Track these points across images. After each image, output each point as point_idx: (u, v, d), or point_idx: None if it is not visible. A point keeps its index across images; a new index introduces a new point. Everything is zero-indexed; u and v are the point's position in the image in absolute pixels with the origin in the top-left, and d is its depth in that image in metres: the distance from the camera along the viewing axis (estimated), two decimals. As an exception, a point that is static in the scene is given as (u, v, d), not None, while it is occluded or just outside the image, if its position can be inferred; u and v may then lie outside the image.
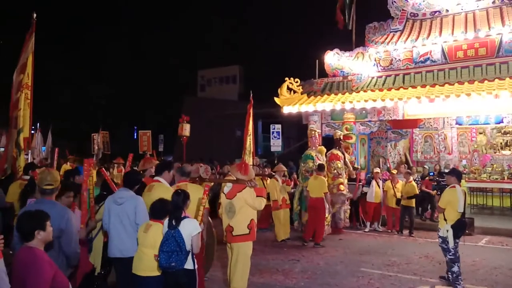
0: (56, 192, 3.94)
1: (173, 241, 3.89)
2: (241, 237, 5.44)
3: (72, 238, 3.78)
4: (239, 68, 36.21)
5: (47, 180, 3.86)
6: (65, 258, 3.76)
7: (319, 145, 10.59)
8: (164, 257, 3.88)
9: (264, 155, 23.18)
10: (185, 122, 15.08)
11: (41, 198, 3.91)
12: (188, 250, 4.00)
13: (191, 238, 4.01)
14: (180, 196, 4.17)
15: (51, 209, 3.64)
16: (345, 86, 12.91)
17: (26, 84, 7.64)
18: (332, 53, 13.43)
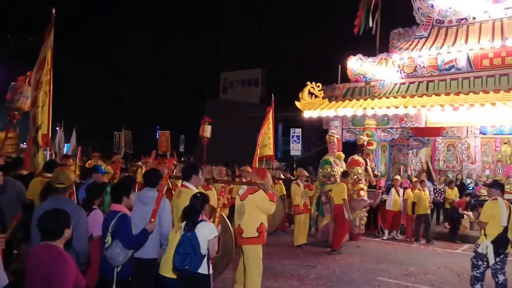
0: (69, 190, 4.03)
1: (188, 244, 3.88)
2: (250, 240, 5.45)
3: (83, 235, 3.83)
4: (261, 71, 36.25)
5: (59, 179, 3.98)
6: (75, 254, 3.77)
7: (338, 150, 10.53)
8: (179, 259, 3.87)
9: (284, 158, 23.13)
10: (206, 123, 15.18)
11: (55, 196, 4.00)
12: (204, 254, 3.95)
13: (207, 242, 3.98)
14: (198, 199, 4.17)
15: (63, 207, 3.69)
16: (367, 91, 12.79)
17: (46, 80, 7.71)
18: (355, 58, 13.33)
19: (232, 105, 32.98)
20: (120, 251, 3.86)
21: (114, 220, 3.92)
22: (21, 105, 8.00)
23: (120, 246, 3.87)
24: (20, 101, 7.94)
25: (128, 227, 3.94)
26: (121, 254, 3.86)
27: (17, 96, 7.98)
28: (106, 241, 3.93)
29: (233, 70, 37.03)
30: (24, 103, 8.06)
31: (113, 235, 3.89)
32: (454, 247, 10.02)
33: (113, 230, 3.90)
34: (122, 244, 3.87)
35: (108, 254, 3.89)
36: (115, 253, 3.85)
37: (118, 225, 3.90)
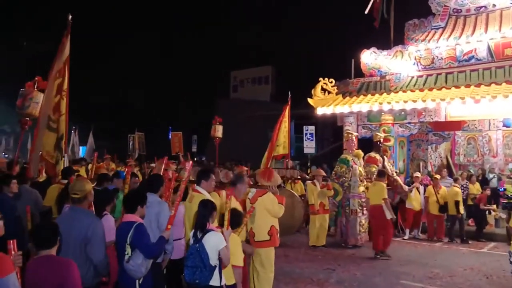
0: (84, 201, 3.95)
1: (197, 256, 3.75)
2: (262, 243, 5.38)
3: (99, 247, 3.76)
4: (272, 68, 35.95)
5: (74, 189, 3.94)
6: (93, 266, 3.75)
7: (356, 148, 10.15)
8: (188, 272, 3.78)
9: (297, 156, 22.80)
10: (218, 123, 14.99)
11: (72, 206, 3.99)
12: (214, 265, 3.76)
13: (217, 252, 3.79)
14: (207, 207, 3.98)
15: (78, 217, 3.82)
16: (382, 86, 12.38)
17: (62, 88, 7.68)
18: (368, 52, 12.93)
19: (242, 104, 32.75)
20: (141, 262, 3.78)
21: (132, 230, 3.79)
22: (32, 111, 7.96)
23: (141, 257, 3.78)
24: (31, 107, 7.92)
25: (146, 237, 3.85)
26: (143, 265, 3.80)
27: (27, 102, 7.94)
28: (126, 253, 3.80)
29: (243, 68, 36.78)
30: (34, 108, 8.01)
31: (132, 246, 3.78)
32: (479, 246, 9.57)
33: (132, 241, 3.78)
34: (143, 254, 3.78)
35: (130, 266, 3.77)
36: (137, 264, 3.77)
37: (136, 235, 3.79)
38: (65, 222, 3.82)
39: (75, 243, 3.71)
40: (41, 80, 8.16)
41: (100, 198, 4.56)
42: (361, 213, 9.48)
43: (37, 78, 8.19)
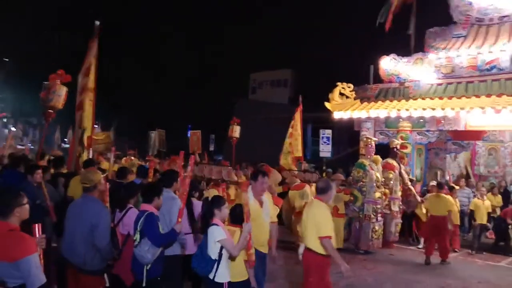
0: (94, 190, 4.24)
1: (200, 247, 4.02)
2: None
3: (104, 233, 4.04)
4: (291, 71, 35.99)
5: (84, 179, 4.27)
6: (98, 251, 4.03)
7: (374, 154, 10.12)
8: (193, 259, 4.07)
9: (313, 160, 22.77)
10: (235, 124, 15.12)
11: (84, 194, 4.29)
12: (214, 259, 3.91)
13: (216, 244, 3.93)
14: (211, 203, 4.17)
15: (86, 204, 4.14)
16: (401, 92, 12.32)
17: (90, 87, 7.96)
18: (388, 58, 12.88)
19: (260, 106, 32.83)
20: (148, 249, 3.97)
21: (142, 219, 4.05)
22: (55, 104, 8.19)
23: (148, 244, 3.98)
24: (54, 100, 8.16)
25: (155, 226, 4.05)
26: (150, 252, 3.97)
27: (51, 95, 8.19)
28: (135, 239, 4.07)
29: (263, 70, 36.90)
30: (58, 101, 8.26)
31: (142, 233, 4.01)
32: (496, 259, 9.33)
33: (141, 229, 4.03)
34: (151, 242, 3.98)
35: (138, 251, 4.01)
36: (143, 250, 3.97)
37: (145, 223, 4.02)
38: (76, 209, 4.20)
39: (83, 229, 4.01)
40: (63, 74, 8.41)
41: (124, 191, 4.80)
42: (375, 219, 9.44)
43: (59, 71, 8.42)
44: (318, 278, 4.61)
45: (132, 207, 4.69)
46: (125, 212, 4.66)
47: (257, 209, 4.81)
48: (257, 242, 4.67)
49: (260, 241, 4.80)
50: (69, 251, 4.09)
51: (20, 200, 2.92)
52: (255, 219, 4.64)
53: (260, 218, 4.83)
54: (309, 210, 4.80)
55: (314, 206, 4.75)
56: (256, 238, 4.59)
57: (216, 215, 4.08)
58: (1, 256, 2.67)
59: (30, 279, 2.71)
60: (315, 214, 4.66)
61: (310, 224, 4.65)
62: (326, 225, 4.57)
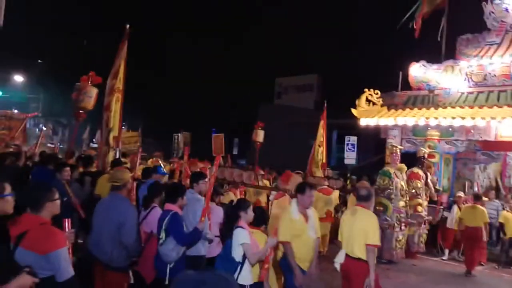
0: (123, 188, 4.33)
1: (225, 248, 4.07)
2: None
3: (130, 231, 4.11)
4: (316, 77, 35.88)
5: (114, 178, 4.36)
6: (125, 248, 4.11)
7: (399, 162, 9.96)
8: (217, 260, 4.15)
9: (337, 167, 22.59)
10: (259, 128, 15.14)
11: (112, 192, 4.38)
12: (238, 261, 3.94)
13: (240, 248, 3.96)
14: (235, 206, 4.26)
15: (114, 202, 4.23)
16: (430, 100, 12.07)
17: (118, 88, 8.16)
18: (418, 65, 12.66)
19: (285, 110, 32.86)
20: (173, 248, 4.08)
21: (167, 218, 4.16)
22: (86, 105, 8.45)
23: (173, 243, 4.09)
24: (85, 101, 8.41)
25: (180, 225, 4.16)
26: (174, 251, 4.09)
27: (82, 96, 8.45)
28: (160, 237, 4.17)
29: (288, 75, 36.91)
30: (88, 102, 8.52)
31: (167, 232, 4.13)
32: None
33: (167, 228, 4.14)
34: (176, 241, 4.09)
35: (162, 250, 4.12)
36: (168, 249, 4.08)
37: (170, 222, 4.13)
38: (104, 207, 4.30)
39: (111, 226, 4.10)
40: (94, 75, 8.68)
41: (149, 191, 4.88)
42: (399, 228, 9.26)
43: (90, 73, 8.68)
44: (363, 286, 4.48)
45: (156, 206, 4.78)
46: (149, 210, 4.75)
47: (302, 224, 4.58)
48: (301, 259, 4.50)
49: (304, 258, 4.57)
50: (96, 248, 4.19)
51: (52, 195, 3.00)
52: (300, 235, 4.49)
53: (305, 234, 4.58)
54: (354, 218, 4.61)
55: (361, 214, 4.59)
56: (300, 255, 4.46)
57: (242, 217, 4.12)
58: (33, 248, 2.75)
59: (59, 271, 2.79)
60: (363, 222, 4.51)
61: (358, 232, 4.48)
62: (375, 233, 4.46)
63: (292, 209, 4.62)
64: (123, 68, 8.15)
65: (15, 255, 2.75)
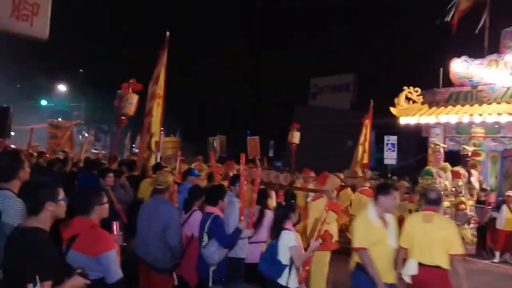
0: (166, 191, 4.43)
1: (271, 251, 4.03)
2: None
3: (175, 233, 4.19)
4: (353, 76, 35.35)
5: (159, 181, 4.44)
6: (169, 250, 4.19)
7: (442, 161, 9.64)
8: (262, 263, 4.10)
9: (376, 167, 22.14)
10: (295, 130, 15.09)
11: (155, 195, 4.47)
12: (285, 264, 3.92)
13: (287, 250, 3.95)
14: (281, 209, 4.25)
15: (159, 205, 4.31)
16: (474, 96, 11.62)
17: (158, 94, 8.36)
18: (459, 61, 12.21)
19: (321, 111, 32.58)
20: (215, 250, 4.10)
21: (209, 221, 4.18)
22: (127, 111, 8.69)
23: (216, 245, 4.11)
24: (127, 108, 8.65)
25: (222, 227, 4.20)
26: (217, 253, 4.10)
27: (123, 103, 8.69)
28: (203, 240, 4.20)
29: (323, 76, 36.58)
30: (129, 109, 8.76)
31: (209, 235, 4.16)
32: None
33: (209, 230, 4.17)
34: (218, 243, 4.11)
35: (205, 253, 4.15)
36: (211, 251, 4.10)
37: (213, 225, 4.16)
38: (149, 210, 4.39)
39: (156, 228, 4.18)
40: (135, 82, 8.92)
41: (190, 194, 4.94)
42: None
43: (131, 80, 8.92)
44: None
45: (197, 209, 4.83)
46: (190, 214, 4.80)
47: (381, 230, 4.04)
48: (380, 271, 3.93)
49: (384, 270, 3.99)
50: (142, 250, 4.28)
51: (100, 199, 3.11)
52: (378, 242, 3.99)
53: (385, 242, 4.03)
54: (431, 225, 4.16)
55: (439, 221, 4.24)
56: (379, 267, 3.93)
57: (290, 219, 4.11)
58: (84, 250, 2.85)
59: (109, 273, 2.87)
60: (445, 231, 4.14)
61: (439, 240, 4.08)
62: (458, 242, 4.11)
63: (369, 213, 4.09)
64: (163, 74, 8.33)
65: (67, 257, 2.85)
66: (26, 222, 2.58)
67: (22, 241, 2.42)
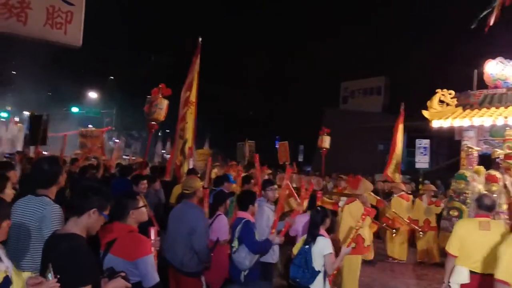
0: (194, 196, 4.45)
1: (303, 257, 3.99)
2: None
3: (200, 237, 4.19)
4: (384, 79, 34.77)
5: (185, 186, 4.52)
6: (196, 254, 4.20)
7: (476, 165, 9.42)
8: (293, 269, 4.07)
9: (408, 171, 21.73)
10: (325, 134, 15.02)
11: (184, 200, 4.54)
12: (318, 270, 3.93)
13: (322, 257, 3.95)
14: (319, 214, 4.19)
15: (187, 210, 4.35)
16: (509, 98, 11.24)
17: (191, 100, 8.47)
18: (494, 62, 11.86)
19: (352, 115, 32.23)
20: (245, 256, 4.16)
21: (240, 226, 4.25)
22: (158, 116, 8.80)
23: (246, 250, 4.17)
24: (157, 113, 8.76)
25: (252, 233, 4.23)
26: (247, 258, 4.16)
27: (153, 109, 8.79)
28: (233, 245, 4.28)
29: (354, 79, 36.16)
30: (159, 114, 8.87)
31: (240, 240, 4.22)
32: None
33: (239, 236, 4.23)
34: (248, 248, 4.16)
35: (236, 257, 4.22)
36: (241, 256, 4.17)
37: (243, 230, 4.22)
38: (177, 214, 4.46)
39: (183, 232, 4.23)
40: (164, 87, 8.98)
41: (215, 199, 4.99)
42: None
43: (161, 85, 9.03)
44: None
45: (221, 214, 4.84)
46: (214, 218, 4.80)
47: None
48: None
49: None
50: (171, 253, 4.34)
51: (136, 203, 3.16)
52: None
53: None
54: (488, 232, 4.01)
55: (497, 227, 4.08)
56: None
57: (324, 225, 4.12)
58: (122, 255, 2.94)
59: (146, 277, 2.94)
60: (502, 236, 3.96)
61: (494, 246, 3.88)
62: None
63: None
64: (196, 81, 8.44)
65: (105, 261, 2.94)
66: (64, 228, 2.64)
67: (59, 247, 2.45)
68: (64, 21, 5.41)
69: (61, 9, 5.38)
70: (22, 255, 2.92)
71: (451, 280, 4.10)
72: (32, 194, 3.14)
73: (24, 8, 5.19)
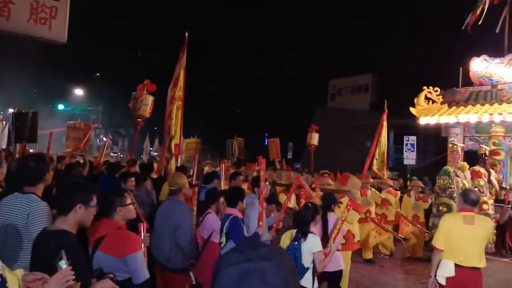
0: (179, 193, 4.48)
1: (292, 253, 3.92)
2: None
3: (185, 233, 4.22)
4: (372, 77, 34.97)
5: (171, 182, 4.56)
6: (180, 250, 4.20)
7: (461, 161, 9.56)
8: None
9: (396, 168, 21.93)
10: (314, 131, 15.08)
11: (170, 196, 4.58)
12: (307, 267, 3.92)
13: (311, 255, 3.93)
14: (309, 210, 4.13)
15: (173, 206, 4.37)
16: (493, 96, 11.48)
17: (179, 96, 8.39)
18: (479, 60, 12.09)
19: (340, 112, 32.39)
20: None
21: (227, 222, 4.20)
22: (143, 113, 8.70)
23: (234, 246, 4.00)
24: (142, 109, 8.65)
25: (240, 229, 4.19)
26: None
27: (139, 105, 8.69)
28: (221, 241, 4.23)
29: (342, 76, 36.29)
30: (145, 110, 8.76)
31: (227, 236, 4.17)
32: None
33: (227, 232, 4.17)
34: (235, 244, 4.05)
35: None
36: None
37: (230, 226, 4.17)
38: (163, 211, 4.46)
39: (168, 228, 4.23)
40: (149, 83, 8.88)
41: (207, 196, 4.98)
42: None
43: (146, 81, 8.93)
44: None
45: (212, 212, 4.82)
46: (204, 216, 4.80)
47: None
48: None
49: None
50: (157, 250, 4.30)
51: (123, 200, 3.14)
52: None
53: None
54: (472, 226, 4.08)
55: (481, 221, 4.20)
56: None
57: (315, 221, 4.13)
58: (111, 252, 2.92)
59: (136, 274, 2.93)
60: (485, 230, 4.15)
61: (480, 240, 4.10)
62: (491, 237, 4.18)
63: None
64: (183, 77, 8.36)
65: (94, 258, 2.92)
66: (53, 225, 2.62)
67: (50, 243, 2.42)
68: (48, 17, 5.32)
69: (46, 4, 5.28)
70: (11, 253, 2.88)
71: (437, 274, 4.14)
72: (19, 191, 3.07)
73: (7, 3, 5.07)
